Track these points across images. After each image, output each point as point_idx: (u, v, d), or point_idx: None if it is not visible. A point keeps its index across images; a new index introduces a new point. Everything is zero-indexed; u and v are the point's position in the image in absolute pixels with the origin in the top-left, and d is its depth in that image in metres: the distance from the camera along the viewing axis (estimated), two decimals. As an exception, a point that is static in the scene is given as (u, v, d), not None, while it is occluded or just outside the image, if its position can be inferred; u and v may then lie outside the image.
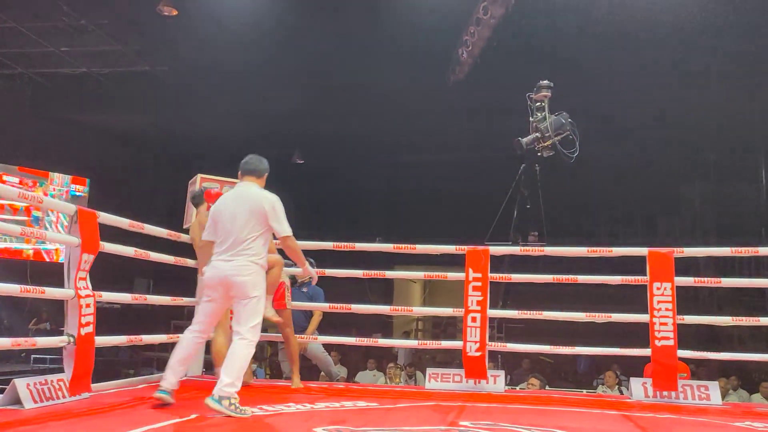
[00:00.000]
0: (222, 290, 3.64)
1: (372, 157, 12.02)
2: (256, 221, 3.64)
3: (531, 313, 5.10)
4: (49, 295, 3.80)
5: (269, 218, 3.66)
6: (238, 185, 3.87)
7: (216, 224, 3.71)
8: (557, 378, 10.04)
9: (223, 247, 3.64)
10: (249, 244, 3.63)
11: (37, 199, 4.18)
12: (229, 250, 3.62)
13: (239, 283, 3.58)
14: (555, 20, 8.05)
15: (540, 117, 6.03)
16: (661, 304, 4.67)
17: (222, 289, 3.64)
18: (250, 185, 3.80)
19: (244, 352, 3.52)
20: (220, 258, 3.65)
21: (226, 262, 3.62)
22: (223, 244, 3.65)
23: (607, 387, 7.45)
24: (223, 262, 3.63)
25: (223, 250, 3.64)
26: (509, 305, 7.75)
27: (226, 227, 3.65)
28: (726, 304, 10.43)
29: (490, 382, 4.86)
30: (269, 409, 3.66)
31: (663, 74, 8.98)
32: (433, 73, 9.54)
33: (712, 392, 4.60)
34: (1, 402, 3.35)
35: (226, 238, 3.65)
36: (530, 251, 5.29)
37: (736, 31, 8.15)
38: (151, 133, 12.57)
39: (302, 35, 9.13)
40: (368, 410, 3.80)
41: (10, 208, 10.77)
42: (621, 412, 4.04)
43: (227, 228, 3.65)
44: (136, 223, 4.48)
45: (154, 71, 10.80)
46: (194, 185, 5.34)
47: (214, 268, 3.65)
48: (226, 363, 3.48)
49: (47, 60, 10.70)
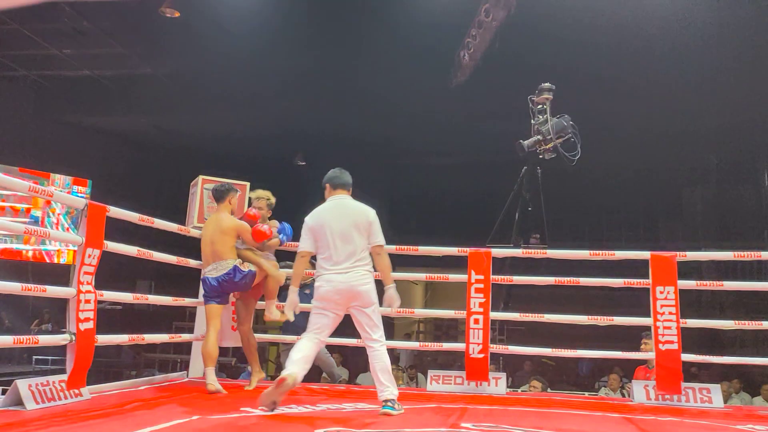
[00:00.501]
0: (343, 301, 3.81)
1: (374, 160, 12.02)
2: (362, 233, 3.87)
3: (533, 316, 5.10)
4: (51, 294, 3.81)
5: (371, 229, 3.90)
6: (333, 199, 3.99)
7: (317, 238, 3.87)
8: (559, 380, 10.03)
9: (335, 260, 3.81)
10: (361, 254, 3.85)
11: (47, 193, 4.18)
12: (344, 263, 3.81)
13: (363, 292, 3.80)
14: (557, 23, 8.05)
15: (542, 120, 6.03)
16: (664, 308, 4.66)
17: (343, 300, 3.81)
18: (346, 198, 4.00)
19: (387, 358, 3.83)
20: (334, 270, 3.81)
21: (344, 273, 3.79)
22: (334, 257, 3.82)
23: (610, 389, 7.44)
24: (339, 274, 3.80)
25: (335, 262, 3.81)
26: (511, 307, 7.74)
27: (335, 241, 3.82)
28: (728, 308, 10.41)
29: (491, 385, 4.85)
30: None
31: (664, 77, 8.97)
32: (435, 76, 9.54)
33: (714, 395, 4.59)
34: (3, 403, 3.36)
35: (336, 251, 3.82)
36: (532, 254, 5.29)
37: (736, 35, 8.15)
38: (152, 135, 12.59)
39: (304, 38, 9.14)
40: (369, 412, 3.79)
41: (11, 209, 10.79)
42: (623, 415, 4.04)
43: (335, 242, 3.82)
44: (146, 218, 4.48)
45: (157, 74, 10.81)
46: (196, 186, 5.34)
47: (330, 281, 3.80)
48: (383, 374, 3.73)
49: (50, 62, 10.71)
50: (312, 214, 3.97)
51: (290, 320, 4.14)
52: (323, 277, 3.84)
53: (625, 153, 10.93)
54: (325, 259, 3.85)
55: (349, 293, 3.79)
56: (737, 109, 9.62)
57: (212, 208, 5.23)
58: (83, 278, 3.81)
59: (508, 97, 7.00)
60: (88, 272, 3.85)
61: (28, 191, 3.74)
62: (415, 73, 9.32)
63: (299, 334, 5.45)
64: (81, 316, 3.77)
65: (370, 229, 3.89)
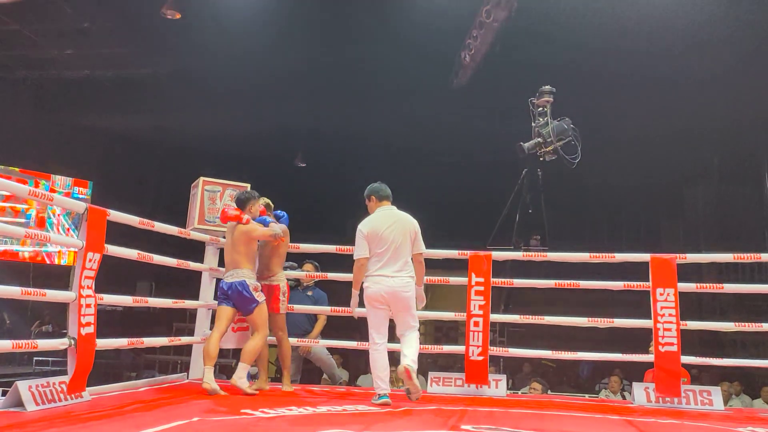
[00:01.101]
0: (387, 302, 4.26)
1: (374, 161, 12.01)
2: (408, 241, 4.32)
3: (533, 318, 5.10)
4: (51, 298, 3.80)
5: (416, 238, 4.37)
6: (383, 209, 4.42)
7: (372, 244, 4.27)
8: (559, 382, 10.02)
9: (386, 264, 4.24)
10: (407, 261, 4.31)
11: (47, 197, 4.18)
12: (393, 268, 4.24)
13: (405, 299, 4.27)
14: (558, 24, 8.04)
15: (542, 122, 6.04)
16: (664, 310, 4.66)
17: (387, 301, 4.25)
18: (393, 208, 4.46)
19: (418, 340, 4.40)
20: (382, 273, 4.24)
21: (391, 278, 4.23)
22: (385, 262, 4.24)
23: (610, 392, 7.43)
24: (386, 277, 4.23)
25: (382, 265, 4.25)
26: (511, 309, 7.74)
27: (388, 248, 4.25)
28: (729, 309, 10.40)
29: (491, 387, 4.85)
30: (271, 412, 3.66)
31: (665, 78, 8.97)
32: (435, 77, 9.54)
33: (714, 397, 4.59)
34: (4, 404, 3.36)
35: (388, 257, 4.24)
36: (532, 256, 5.29)
37: (738, 34, 8.14)
38: (153, 136, 12.57)
39: (305, 39, 9.14)
40: (370, 414, 3.79)
41: (12, 210, 10.78)
42: (623, 417, 4.03)
43: (389, 249, 4.25)
44: (147, 221, 4.48)
45: (158, 75, 10.81)
46: (196, 188, 5.34)
47: (378, 283, 4.23)
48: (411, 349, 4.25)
49: (50, 63, 10.72)
50: (365, 222, 4.35)
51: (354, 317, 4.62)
52: (372, 279, 4.25)
53: (626, 154, 10.92)
54: (377, 263, 4.25)
55: (394, 297, 4.23)
56: (739, 109, 9.61)
57: (213, 210, 5.24)
58: (84, 282, 3.80)
59: (509, 98, 6.99)
60: (88, 276, 3.84)
61: (28, 195, 3.72)
62: (415, 74, 9.32)
63: (298, 333, 5.50)
64: (82, 320, 3.76)
65: (415, 238, 4.36)
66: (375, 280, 4.25)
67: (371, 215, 4.42)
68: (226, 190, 5.34)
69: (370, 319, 4.33)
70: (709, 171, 12.05)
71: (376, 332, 4.29)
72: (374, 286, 4.25)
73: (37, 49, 10.22)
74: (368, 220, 4.37)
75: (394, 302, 4.26)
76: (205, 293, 5.31)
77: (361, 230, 4.33)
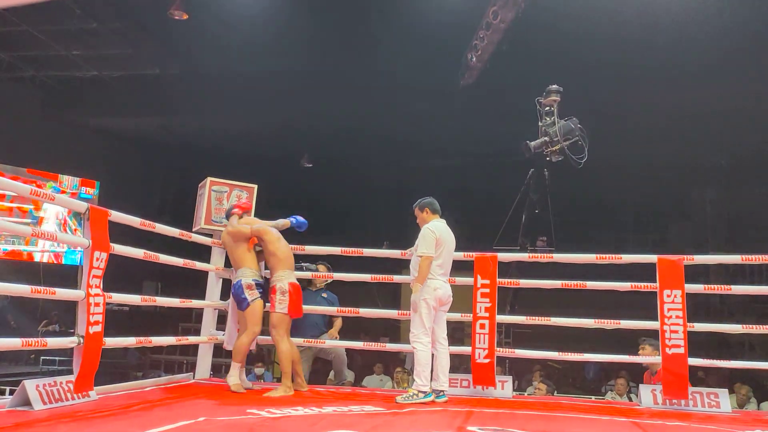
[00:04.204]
0: (445, 305, 4.60)
1: (380, 162, 12.02)
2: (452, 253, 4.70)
3: (539, 319, 5.08)
4: (60, 297, 3.81)
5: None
6: (440, 221, 4.69)
7: (439, 248, 4.53)
8: (566, 384, 9.99)
9: (445, 270, 4.61)
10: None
11: (49, 196, 4.19)
12: (448, 274, 4.64)
13: (450, 303, 4.65)
14: (564, 24, 8.02)
15: (549, 122, 6.00)
16: (671, 312, 4.63)
17: (446, 303, 4.59)
18: (443, 222, 4.71)
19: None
20: (444, 279, 4.59)
21: (447, 283, 4.60)
22: (445, 268, 4.60)
23: (616, 394, 7.39)
24: (446, 283, 4.60)
25: (445, 272, 4.61)
26: (517, 310, 7.71)
27: (447, 255, 4.61)
28: (737, 311, 10.35)
29: (497, 388, 4.83)
30: (277, 412, 3.66)
31: (674, 79, 8.93)
32: (442, 77, 9.53)
33: (722, 400, 4.56)
34: (11, 403, 3.37)
35: (446, 264, 4.62)
36: (539, 257, 5.26)
37: (748, 34, 8.09)
38: (161, 136, 12.62)
39: (312, 39, 9.15)
40: (376, 414, 3.79)
41: (19, 210, 10.84)
42: (630, 419, 4.01)
43: (448, 256, 4.62)
44: (148, 222, 4.49)
45: (165, 75, 10.85)
46: (204, 188, 5.35)
47: (443, 287, 4.55)
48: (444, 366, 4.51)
49: (58, 63, 10.78)
50: (434, 227, 4.58)
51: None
52: (438, 281, 4.53)
53: (633, 156, 10.88)
54: (439, 268, 4.54)
55: (448, 299, 4.60)
56: (746, 109, 9.56)
57: (220, 210, 5.25)
58: (92, 281, 3.82)
59: (515, 98, 6.97)
60: (96, 275, 3.85)
61: (30, 194, 3.73)
62: (422, 74, 9.32)
63: (315, 334, 5.53)
64: (91, 319, 3.78)
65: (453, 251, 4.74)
66: (439, 284, 4.52)
67: (434, 222, 4.63)
68: (233, 191, 5.35)
69: (427, 318, 4.46)
70: (718, 172, 11.99)
71: (427, 332, 4.47)
72: (443, 288, 4.54)
73: (45, 50, 10.28)
74: (435, 227, 4.58)
75: (446, 304, 4.60)
76: (211, 293, 5.33)
77: (434, 232, 4.54)
